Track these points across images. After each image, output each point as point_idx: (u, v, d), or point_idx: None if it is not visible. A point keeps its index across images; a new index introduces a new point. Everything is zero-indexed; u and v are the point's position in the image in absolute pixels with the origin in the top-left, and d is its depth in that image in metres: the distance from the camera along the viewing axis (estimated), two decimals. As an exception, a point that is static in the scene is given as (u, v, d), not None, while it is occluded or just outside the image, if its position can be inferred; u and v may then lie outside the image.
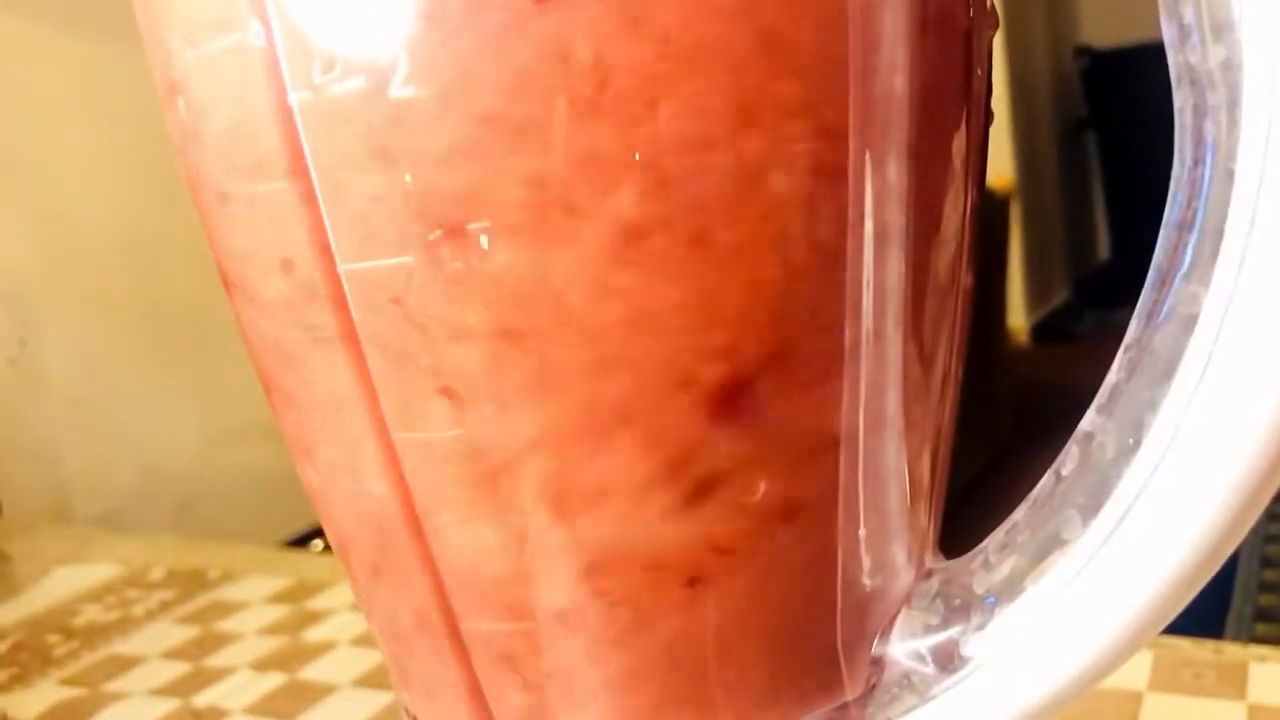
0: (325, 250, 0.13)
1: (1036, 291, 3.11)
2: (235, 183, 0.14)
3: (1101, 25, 3.46)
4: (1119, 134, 3.40)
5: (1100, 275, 3.59)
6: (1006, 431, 2.13)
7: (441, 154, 0.12)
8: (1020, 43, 3.04)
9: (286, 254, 0.14)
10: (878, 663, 0.16)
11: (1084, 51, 3.50)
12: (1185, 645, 0.33)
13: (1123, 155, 3.42)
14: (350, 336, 0.14)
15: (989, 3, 0.15)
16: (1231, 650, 0.33)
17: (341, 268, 0.13)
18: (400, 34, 0.12)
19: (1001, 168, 2.76)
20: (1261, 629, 1.41)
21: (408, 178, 0.13)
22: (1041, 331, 3.11)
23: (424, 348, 0.13)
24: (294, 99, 0.13)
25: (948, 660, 0.15)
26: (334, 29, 0.12)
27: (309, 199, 0.13)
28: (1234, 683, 0.31)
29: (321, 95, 0.13)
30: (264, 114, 0.13)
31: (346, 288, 0.13)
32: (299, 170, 0.13)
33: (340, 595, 0.44)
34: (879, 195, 0.14)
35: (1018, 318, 3.00)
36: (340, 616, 0.42)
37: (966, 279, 0.16)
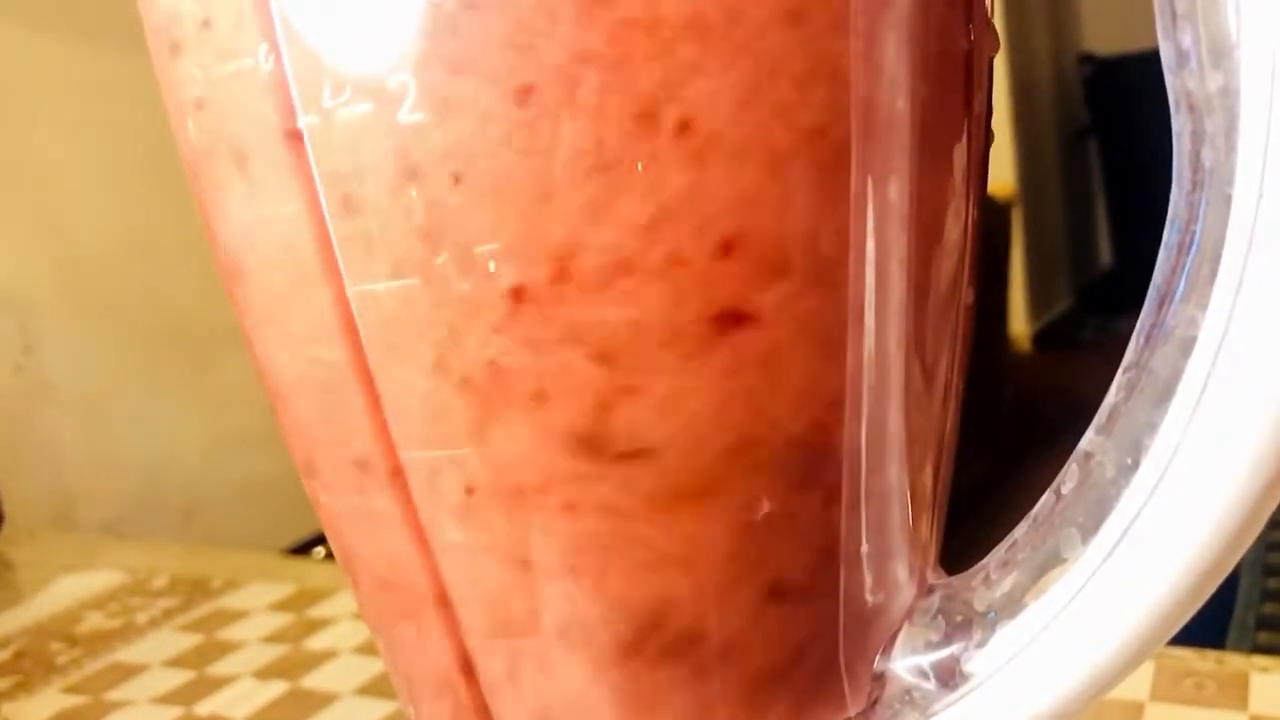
0: (334, 272, 0.13)
1: (1039, 298, 3.11)
2: (245, 206, 0.14)
3: (1104, 32, 3.46)
4: (1121, 141, 3.40)
5: (1103, 282, 3.58)
6: (1009, 438, 2.13)
7: (449, 178, 0.13)
8: (1022, 49, 3.05)
9: (294, 276, 0.14)
10: (879, 679, 0.16)
11: (1087, 58, 3.50)
12: (1187, 655, 0.33)
13: (1125, 162, 3.42)
14: (359, 357, 0.14)
15: (990, 25, 0.15)
16: (1233, 660, 0.33)
17: (350, 289, 0.13)
18: (408, 59, 0.12)
19: (1003, 174, 2.76)
20: (1264, 637, 1.40)
21: (415, 201, 0.13)
22: (1044, 338, 3.11)
23: (432, 368, 0.13)
24: (303, 123, 0.13)
25: (949, 676, 0.15)
26: (343, 53, 0.13)
27: (318, 221, 0.13)
28: (1235, 693, 0.31)
29: (331, 119, 0.13)
30: (273, 137, 0.13)
31: (355, 309, 0.14)
32: (308, 193, 0.13)
33: (343, 603, 0.44)
34: (880, 216, 0.14)
35: (1020, 325, 3.00)
36: (343, 624, 0.42)
37: (968, 296, 0.16)
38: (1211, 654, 0.33)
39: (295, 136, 0.13)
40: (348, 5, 0.12)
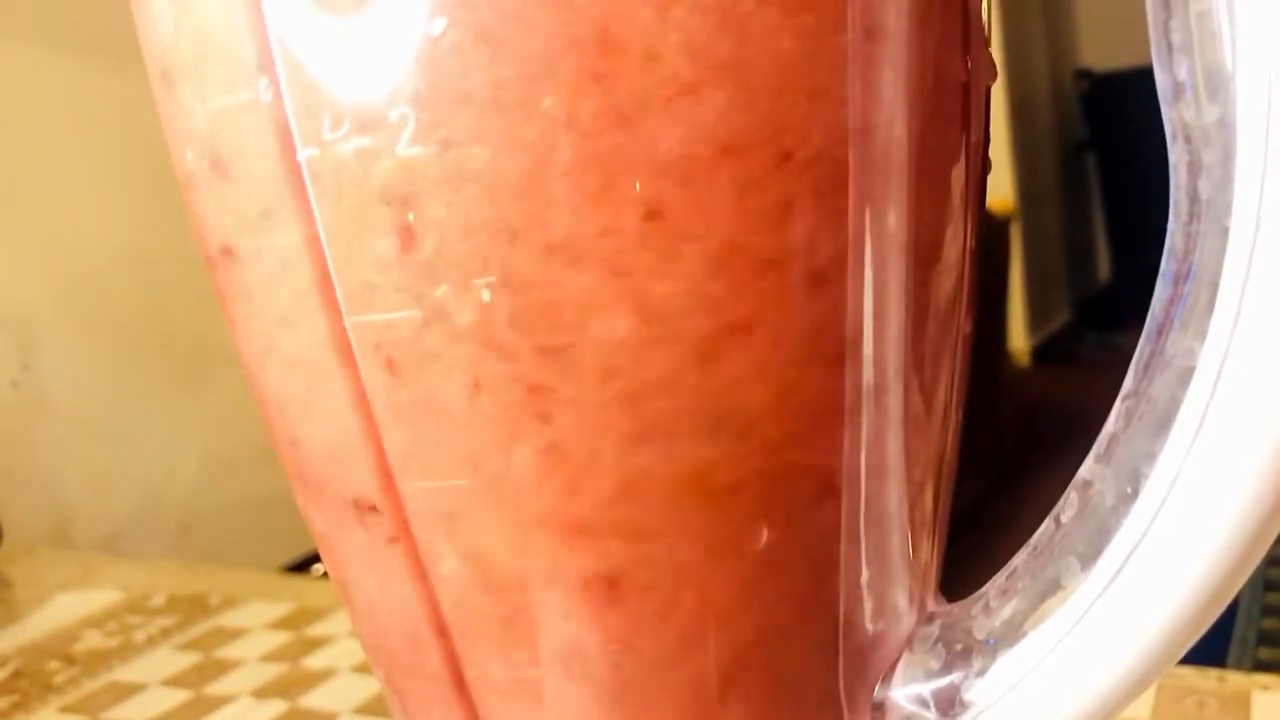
0: (332, 304, 0.13)
1: (1037, 313, 3.12)
2: (243, 235, 0.14)
3: (1102, 48, 3.48)
4: (1119, 156, 3.41)
5: (1101, 297, 3.59)
6: (1009, 453, 2.13)
7: (447, 211, 0.13)
8: (1020, 65, 3.06)
9: (293, 306, 0.14)
10: (879, 707, 0.16)
11: (1084, 74, 3.51)
12: (1189, 674, 0.33)
13: (1123, 177, 3.43)
14: (357, 388, 0.14)
15: (988, 55, 0.15)
16: (1234, 679, 0.33)
17: (348, 320, 0.13)
18: (407, 91, 0.12)
19: (1002, 190, 2.77)
20: (1265, 652, 1.40)
21: (415, 233, 0.13)
22: (1043, 353, 3.12)
23: (429, 401, 0.13)
24: (302, 155, 0.13)
25: (949, 705, 0.15)
26: (342, 87, 0.13)
27: (316, 253, 0.13)
28: (1237, 712, 0.31)
29: (330, 152, 0.13)
30: (273, 169, 0.13)
31: (353, 340, 0.14)
32: (307, 225, 0.13)
33: (341, 621, 0.44)
34: (878, 245, 0.14)
35: (1019, 339, 3.00)
36: (341, 643, 0.42)
37: (966, 324, 0.16)
38: (1213, 673, 0.33)
39: (294, 169, 0.13)
40: (348, 38, 0.12)
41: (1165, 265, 0.13)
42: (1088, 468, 0.14)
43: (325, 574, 0.19)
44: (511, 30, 0.12)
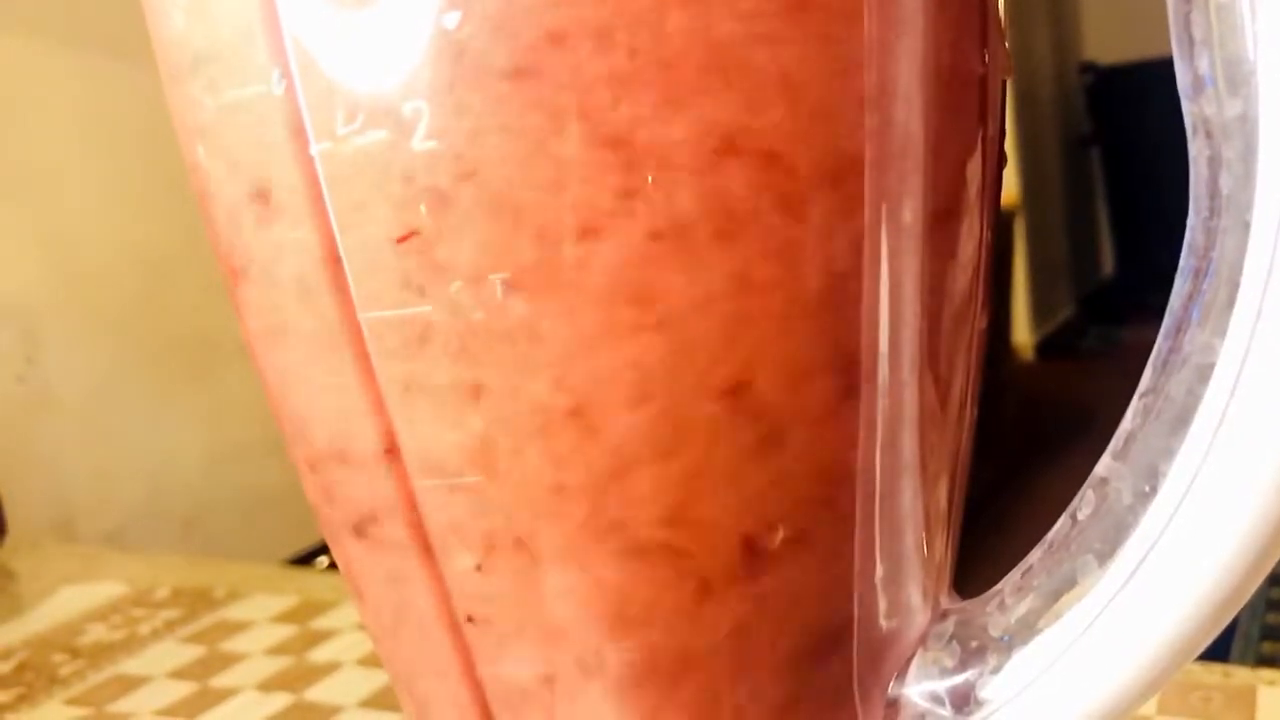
0: (346, 299, 0.13)
1: (1041, 307, 3.11)
2: (255, 231, 0.14)
3: (1106, 41, 3.47)
4: (1123, 150, 3.40)
5: (1105, 290, 3.59)
6: (1013, 447, 2.13)
7: (462, 207, 0.13)
8: (1024, 59, 3.05)
9: (306, 302, 0.14)
10: (894, 705, 0.16)
11: (1088, 67, 3.50)
12: (1194, 669, 0.33)
13: (1127, 171, 3.42)
14: (370, 384, 0.14)
15: (1004, 47, 0.15)
16: (1240, 674, 0.33)
17: (361, 316, 0.13)
18: (422, 85, 0.12)
19: (1006, 184, 2.76)
20: (1268, 647, 1.41)
21: (428, 228, 0.13)
22: (1047, 347, 3.11)
23: (443, 395, 0.13)
24: (315, 150, 0.13)
25: (964, 703, 0.15)
26: (356, 80, 0.13)
27: (330, 248, 0.13)
28: (1242, 706, 0.31)
29: (344, 146, 0.13)
30: (285, 164, 0.13)
31: (366, 336, 0.13)
32: (320, 220, 0.13)
33: (346, 615, 0.44)
34: (894, 239, 0.14)
35: (1023, 333, 3.00)
36: (346, 636, 0.42)
37: (981, 320, 0.16)
38: (1218, 667, 0.33)
39: (307, 163, 0.13)
40: (362, 30, 0.12)
41: (1184, 261, 0.13)
42: (1105, 465, 0.14)
43: (330, 566, 0.19)
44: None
